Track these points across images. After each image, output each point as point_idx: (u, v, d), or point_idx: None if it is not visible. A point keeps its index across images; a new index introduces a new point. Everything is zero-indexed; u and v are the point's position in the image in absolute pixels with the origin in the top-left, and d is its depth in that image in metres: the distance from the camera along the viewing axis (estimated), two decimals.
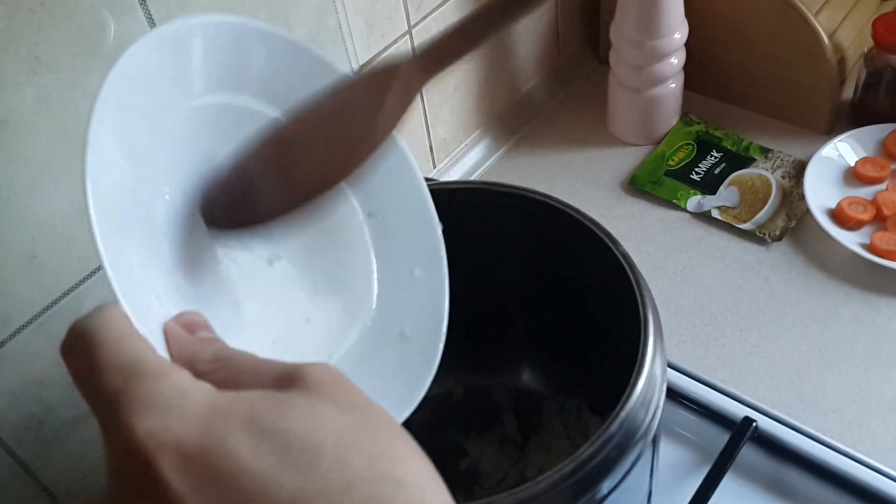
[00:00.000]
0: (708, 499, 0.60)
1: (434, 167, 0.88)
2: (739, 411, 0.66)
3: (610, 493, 0.43)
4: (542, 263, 0.58)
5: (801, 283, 0.76)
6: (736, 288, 0.77)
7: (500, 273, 0.59)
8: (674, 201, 0.84)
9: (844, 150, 0.84)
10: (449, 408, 0.69)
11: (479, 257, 0.57)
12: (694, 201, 0.84)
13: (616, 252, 0.49)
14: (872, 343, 0.71)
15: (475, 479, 0.64)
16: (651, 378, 0.45)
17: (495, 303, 0.62)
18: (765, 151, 0.87)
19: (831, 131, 0.88)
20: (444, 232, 0.56)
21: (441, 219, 0.55)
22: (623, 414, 0.43)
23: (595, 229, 0.51)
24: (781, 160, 0.86)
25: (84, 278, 0.58)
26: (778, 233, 0.80)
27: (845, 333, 0.72)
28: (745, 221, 0.81)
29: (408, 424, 0.68)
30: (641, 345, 0.45)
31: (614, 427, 0.42)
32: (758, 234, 0.80)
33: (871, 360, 0.70)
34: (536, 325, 0.63)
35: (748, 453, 0.65)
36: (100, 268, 0.31)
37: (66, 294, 0.58)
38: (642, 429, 0.44)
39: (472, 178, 0.90)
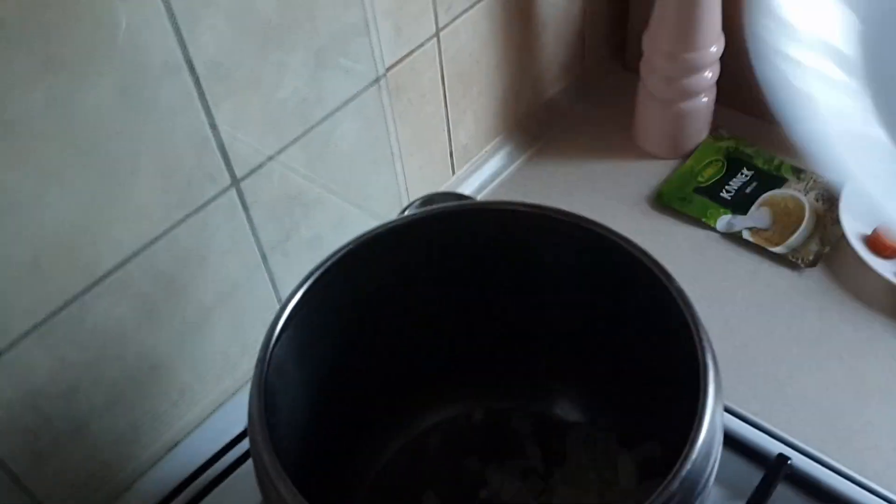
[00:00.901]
0: None
1: (453, 174, 0.84)
2: (773, 447, 0.63)
3: None
4: (585, 289, 0.54)
5: (836, 313, 0.73)
6: (768, 315, 0.74)
7: (538, 296, 0.56)
8: (703, 220, 0.81)
9: None
10: (467, 432, 0.66)
11: (518, 278, 0.54)
12: (724, 221, 0.81)
13: (671, 288, 0.46)
14: None
15: None
16: (711, 429, 0.41)
17: (529, 325, 0.59)
18: (797, 172, 0.84)
19: None
20: (485, 249, 0.53)
21: (484, 235, 0.52)
22: (685, 470, 0.40)
23: (646, 261, 0.47)
24: (814, 182, 0.83)
25: (87, 287, 0.54)
26: (812, 258, 0.77)
27: (882, 367, 0.69)
28: (777, 245, 0.78)
29: (423, 447, 0.66)
30: (702, 393, 0.42)
31: (675, 485, 0.39)
32: (790, 258, 0.77)
33: None
34: (570, 352, 0.60)
35: (781, 493, 0.61)
36: (105, 276, 0.28)
37: (68, 304, 0.54)
38: (701, 483, 0.41)
39: (492, 186, 0.87)
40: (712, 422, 0.41)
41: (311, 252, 0.70)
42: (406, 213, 0.54)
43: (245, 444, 0.67)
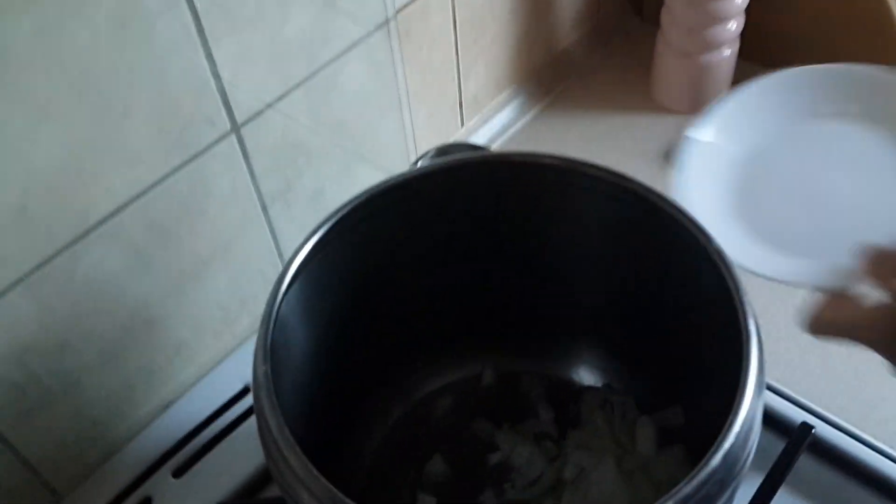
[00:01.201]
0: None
1: (462, 125, 0.81)
2: (796, 416, 0.60)
3: None
4: (613, 248, 0.51)
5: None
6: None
7: (561, 253, 0.53)
8: None
9: None
10: (477, 394, 0.63)
11: (540, 234, 0.51)
12: None
13: (710, 249, 0.43)
14: None
15: (506, 475, 0.58)
16: (754, 402, 0.38)
17: (548, 284, 0.56)
18: None
19: None
20: (505, 203, 0.49)
21: (504, 189, 0.48)
22: (726, 444, 0.37)
23: (684, 220, 0.44)
24: None
25: (79, 236, 0.51)
26: None
27: None
28: None
29: (431, 409, 0.63)
30: (744, 362, 0.39)
31: (716, 461, 0.36)
32: None
33: None
34: (590, 313, 0.57)
35: (804, 463, 0.59)
36: (97, 224, 0.25)
37: (58, 253, 0.50)
38: (741, 460, 0.38)
39: (502, 139, 0.83)
40: (755, 393, 0.39)
41: (313, 204, 0.66)
42: (420, 163, 0.50)
43: (245, 403, 0.65)
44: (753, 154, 0.55)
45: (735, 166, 0.51)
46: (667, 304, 0.50)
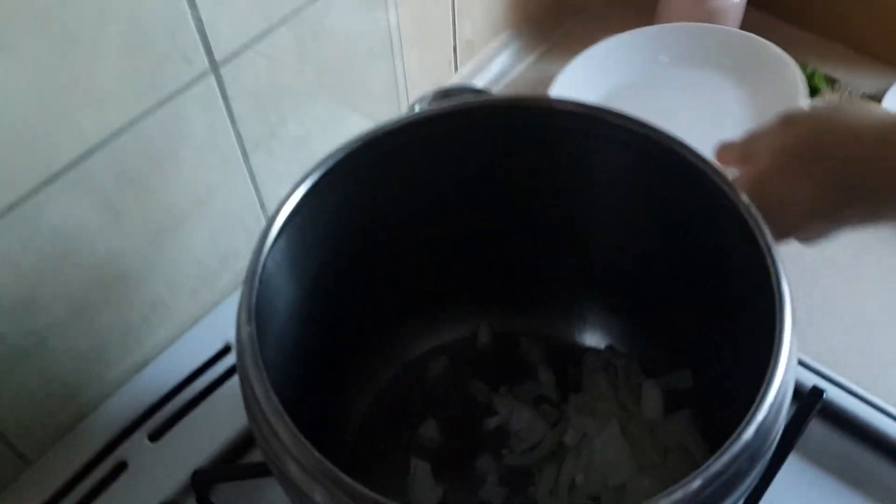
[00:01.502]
0: (771, 480, 0.52)
1: (456, 71, 0.76)
2: (807, 379, 0.58)
3: None
4: (628, 198, 0.47)
5: (872, 235, 0.67)
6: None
7: (568, 205, 0.49)
8: None
9: None
10: (473, 354, 0.59)
11: (546, 184, 0.47)
12: None
13: (738, 203, 0.39)
14: None
15: (504, 440, 0.55)
16: (788, 370, 0.35)
17: (552, 238, 0.52)
18: (831, 81, 0.77)
19: None
20: (509, 150, 0.45)
21: (509, 135, 0.44)
22: (759, 416, 0.34)
23: (709, 171, 0.40)
24: (850, 92, 0.76)
25: (43, 183, 0.47)
26: None
27: None
28: None
29: (424, 371, 0.60)
30: (778, 326, 0.36)
31: (748, 434, 0.33)
32: None
33: None
34: (597, 268, 0.53)
35: (815, 428, 0.57)
36: (63, 171, 0.22)
37: (21, 201, 0.47)
38: (774, 433, 0.35)
39: (499, 86, 0.78)
40: (790, 361, 0.35)
41: (298, 152, 0.62)
42: (417, 108, 0.46)
43: (226, 363, 0.61)
44: (612, 95, 0.71)
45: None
46: (684, 262, 0.46)
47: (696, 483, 0.32)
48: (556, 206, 0.49)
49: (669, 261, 0.47)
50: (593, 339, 0.59)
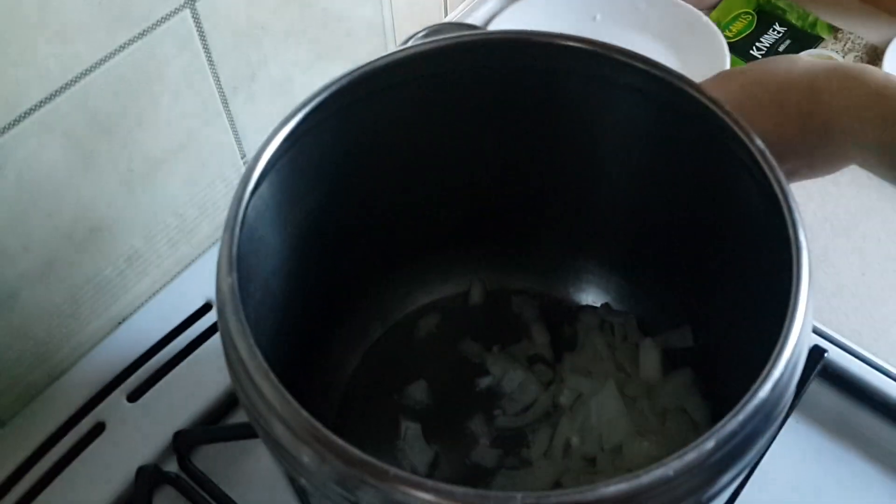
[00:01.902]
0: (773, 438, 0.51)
1: (446, 14, 0.73)
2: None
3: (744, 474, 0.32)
4: (635, 147, 0.44)
5: (874, 190, 0.66)
6: (798, 192, 0.65)
7: (570, 151, 0.46)
8: None
9: None
10: (465, 312, 0.57)
11: (547, 129, 0.44)
12: None
13: (752, 149, 0.37)
14: None
15: (496, 401, 0.53)
16: (806, 325, 0.33)
17: (551, 187, 0.50)
18: (834, 30, 0.74)
19: None
20: (508, 92, 0.43)
21: (508, 75, 0.41)
22: (776, 373, 0.32)
23: (724, 116, 0.38)
24: (853, 43, 0.73)
25: (7, 125, 0.44)
26: None
27: None
28: None
29: (414, 329, 0.58)
30: (795, 279, 0.33)
31: (765, 391, 0.31)
32: None
33: None
34: (598, 221, 0.51)
35: (815, 388, 0.55)
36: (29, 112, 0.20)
37: None
38: (789, 391, 0.33)
39: (491, 27, 0.75)
40: (807, 316, 0.33)
41: (280, 96, 0.59)
42: (409, 44, 0.43)
43: (207, 320, 0.59)
44: None
45: None
46: (690, 214, 0.44)
47: (710, 444, 0.30)
48: (555, 153, 0.46)
49: (674, 213, 0.45)
50: (589, 296, 0.57)
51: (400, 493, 0.29)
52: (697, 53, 0.70)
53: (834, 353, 0.55)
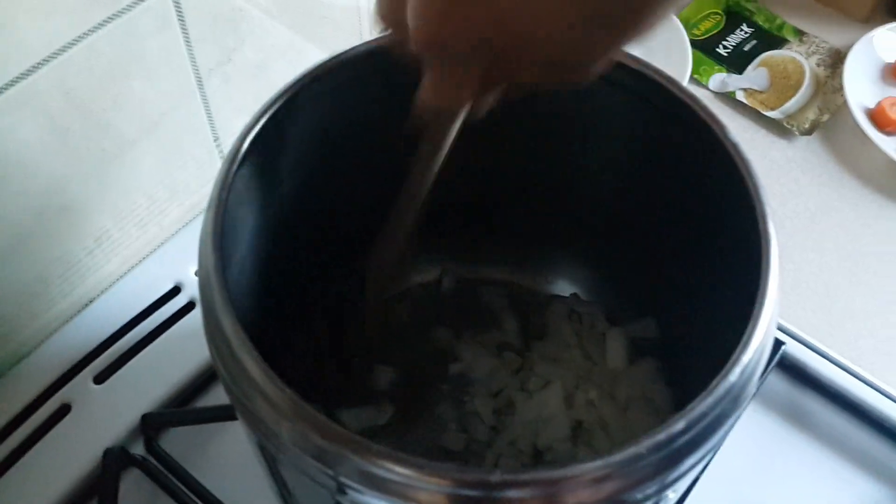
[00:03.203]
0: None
1: None
2: None
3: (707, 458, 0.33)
4: (606, 136, 0.45)
5: (833, 189, 0.68)
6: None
7: (545, 140, 0.47)
8: (695, 76, 0.73)
9: (885, 43, 0.74)
10: (436, 300, 0.58)
11: (521, 118, 0.44)
12: (718, 79, 0.73)
13: (725, 142, 0.38)
14: None
15: (465, 387, 0.54)
16: (774, 310, 0.34)
17: (525, 176, 0.50)
18: (799, 34, 0.77)
19: (868, 20, 0.78)
20: None
21: None
22: (745, 357, 0.33)
23: (696, 107, 0.39)
24: (817, 46, 0.76)
25: None
26: (808, 126, 0.71)
27: (879, 251, 0.64)
28: (772, 108, 0.71)
29: (386, 315, 0.58)
30: (764, 265, 0.35)
31: (734, 375, 0.32)
32: (786, 124, 0.71)
33: None
34: (570, 210, 0.52)
35: (772, 379, 0.57)
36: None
37: None
38: (757, 375, 0.34)
39: None
40: (776, 302, 0.34)
41: (255, 80, 0.59)
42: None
43: (175, 304, 0.58)
44: None
45: None
46: (664, 205, 0.45)
47: (680, 424, 0.31)
48: (529, 144, 0.47)
49: (646, 206, 0.46)
50: (559, 287, 0.57)
51: (380, 468, 0.29)
52: (660, 49, 0.70)
53: (791, 346, 0.57)
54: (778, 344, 0.57)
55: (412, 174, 0.39)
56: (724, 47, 0.75)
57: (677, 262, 0.46)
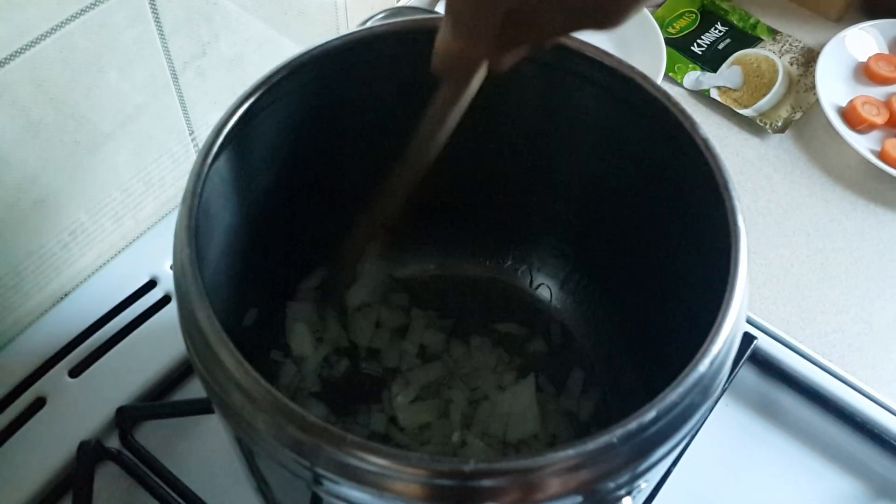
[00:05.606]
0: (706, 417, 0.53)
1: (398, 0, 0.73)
2: None
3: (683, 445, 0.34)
4: (585, 132, 0.45)
5: (805, 186, 0.69)
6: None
7: (517, 138, 0.47)
8: (669, 74, 0.74)
9: (857, 43, 0.76)
10: (411, 293, 0.58)
11: (501, 114, 0.45)
12: (692, 77, 0.74)
13: (695, 137, 0.39)
14: (877, 260, 0.65)
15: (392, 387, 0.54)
16: (744, 302, 0.35)
17: (493, 175, 0.51)
18: (773, 33, 0.78)
19: (840, 20, 0.79)
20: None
21: None
22: (714, 349, 0.33)
23: (668, 104, 0.39)
24: (790, 45, 0.77)
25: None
26: (781, 124, 0.71)
27: (849, 247, 0.65)
28: (746, 106, 0.72)
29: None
30: (732, 265, 0.35)
31: (703, 366, 0.33)
32: (759, 122, 0.71)
33: (874, 280, 0.64)
34: (536, 209, 0.52)
35: (744, 373, 0.58)
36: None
37: None
38: (726, 367, 0.35)
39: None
40: (745, 293, 0.35)
41: (231, 73, 0.59)
42: (367, 25, 0.44)
43: (150, 298, 0.58)
44: None
45: None
46: (637, 199, 0.45)
47: (651, 413, 0.31)
48: (505, 139, 0.47)
49: (618, 201, 0.47)
50: (536, 280, 0.58)
51: (356, 458, 0.30)
52: (635, 47, 0.71)
53: (763, 341, 0.58)
54: (749, 338, 0.57)
55: (421, 130, 0.38)
56: (699, 45, 0.76)
57: (650, 255, 0.47)
